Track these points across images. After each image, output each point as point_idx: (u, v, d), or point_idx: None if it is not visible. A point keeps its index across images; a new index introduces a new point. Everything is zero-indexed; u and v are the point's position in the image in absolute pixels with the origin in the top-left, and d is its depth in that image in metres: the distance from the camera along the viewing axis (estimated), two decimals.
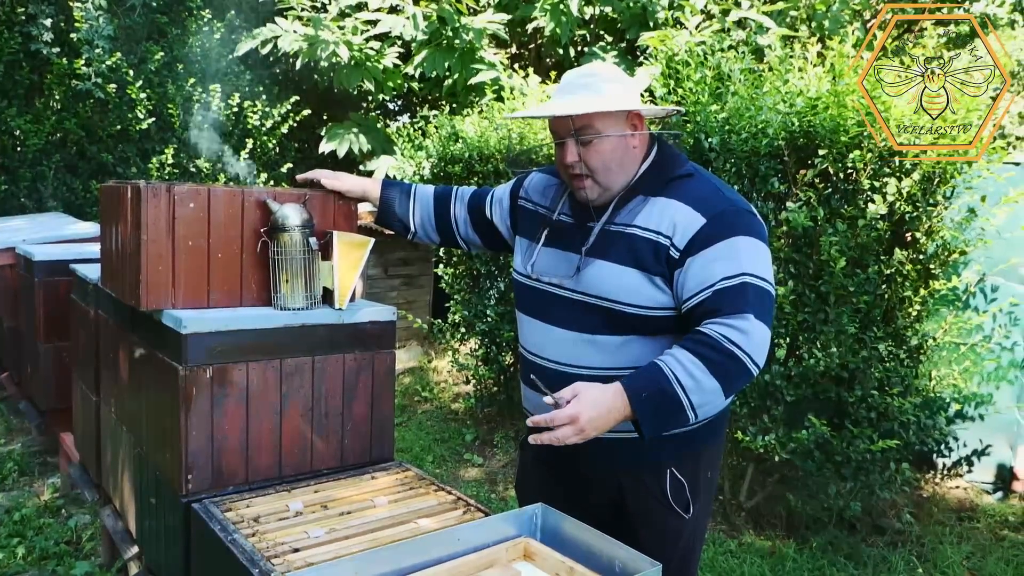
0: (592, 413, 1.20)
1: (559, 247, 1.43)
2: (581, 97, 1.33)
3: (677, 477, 1.38)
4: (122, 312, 1.91)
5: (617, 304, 1.32)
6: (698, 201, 1.31)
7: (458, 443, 3.91)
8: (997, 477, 3.33)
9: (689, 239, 1.29)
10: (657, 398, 1.22)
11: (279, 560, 1.24)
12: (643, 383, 1.23)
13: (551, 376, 1.39)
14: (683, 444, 1.38)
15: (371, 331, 1.74)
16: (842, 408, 2.61)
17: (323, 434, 1.70)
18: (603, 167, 1.34)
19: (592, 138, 1.32)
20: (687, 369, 1.22)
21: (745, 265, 1.27)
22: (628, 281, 1.31)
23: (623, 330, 1.34)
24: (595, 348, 1.35)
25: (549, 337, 1.41)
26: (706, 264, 1.27)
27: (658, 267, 1.31)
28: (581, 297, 1.36)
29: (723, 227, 1.29)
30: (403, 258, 6.33)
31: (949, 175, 2.53)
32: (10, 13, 5.40)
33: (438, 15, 4.99)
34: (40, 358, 3.16)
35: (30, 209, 5.44)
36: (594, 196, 1.37)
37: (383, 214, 1.72)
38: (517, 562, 1.24)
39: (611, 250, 1.35)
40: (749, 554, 2.69)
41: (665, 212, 1.32)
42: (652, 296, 1.31)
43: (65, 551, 2.61)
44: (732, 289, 1.26)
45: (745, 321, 1.23)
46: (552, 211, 1.48)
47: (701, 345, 1.23)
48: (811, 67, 2.66)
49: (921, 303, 2.64)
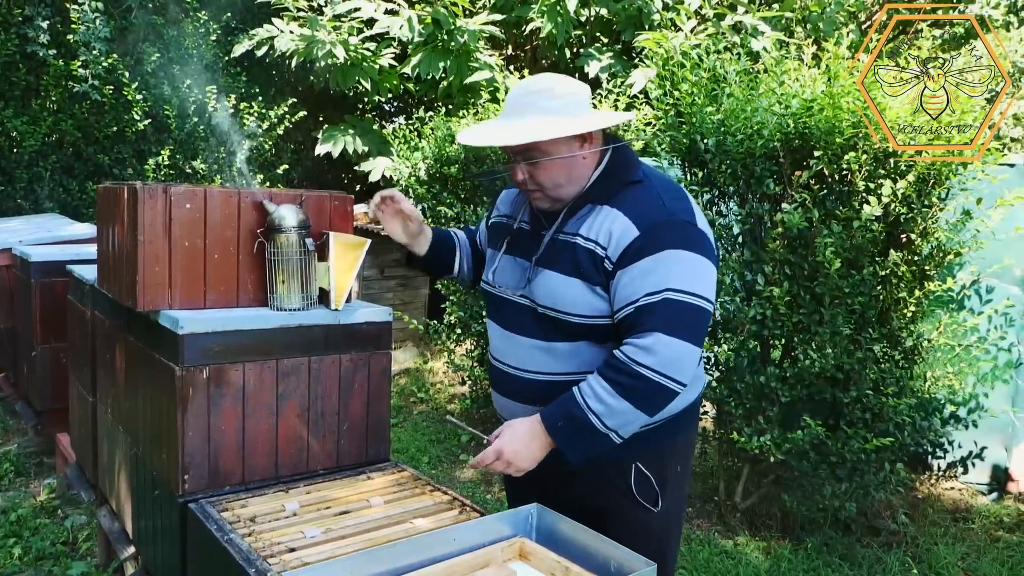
0: (514, 446, 1.30)
1: (516, 255, 1.46)
2: (522, 120, 1.32)
3: (643, 471, 1.41)
4: (119, 312, 1.91)
5: (562, 314, 1.35)
6: (637, 212, 1.31)
7: (454, 444, 3.91)
8: (992, 478, 3.34)
9: (622, 251, 1.29)
10: (572, 426, 1.28)
11: (275, 560, 1.25)
12: (559, 413, 1.30)
13: (514, 382, 1.44)
14: (645, 441, 1.40)
15: (367, 332, 1.75)
16: (837, 409, 2.62)
17: (319, 434, 1.70)
18: (552, 183, 1.36)
19: (536, 161, 1.34)
20: (597, 395, 1.26)
21: (671, 280, 1.26)
22: (572, 291, 1.34)
23: (573, 337, 1.36)
24: (550, 355, 1.39)
25: (510, 344, 1.45)
26: (633, 279, 1.28)
27: (597, 276, 1.32)
28: (533, 306, 1.39)
29: (655, 240, 1.28)
30: (398, 259, 6.33)
31: (944, 177, 2.54)
32: (6, 14, 5.39)
33: (433, 17, 5.00)
34: (36, 359, 3.16)
35: (26, 210, 5.43)
36: (547, 206, 1.40)
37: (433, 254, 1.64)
38: (512, 562, 1.24)
39: (557, 259, 1.37)
40: (744, 555, 2.70)
41: (605, 222, 1.33)
42: (594, 305, 1.33)
43: (61, 551, 2.60)
44: (651, 306, 1.26)
45: (652, 339, 1.25)
46: (514, 219, 1.51)
47: (611, 369, 1.27)
48: (806, 69, 2.67)
49: (916, 304, 2.65)
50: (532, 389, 1.41)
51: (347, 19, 5.27)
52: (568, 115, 1.33)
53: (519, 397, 1.44)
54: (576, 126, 1.32)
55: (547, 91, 1.35)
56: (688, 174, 2.95)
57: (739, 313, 2.64)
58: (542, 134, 1.29)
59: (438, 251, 1.63)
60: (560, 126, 1.31)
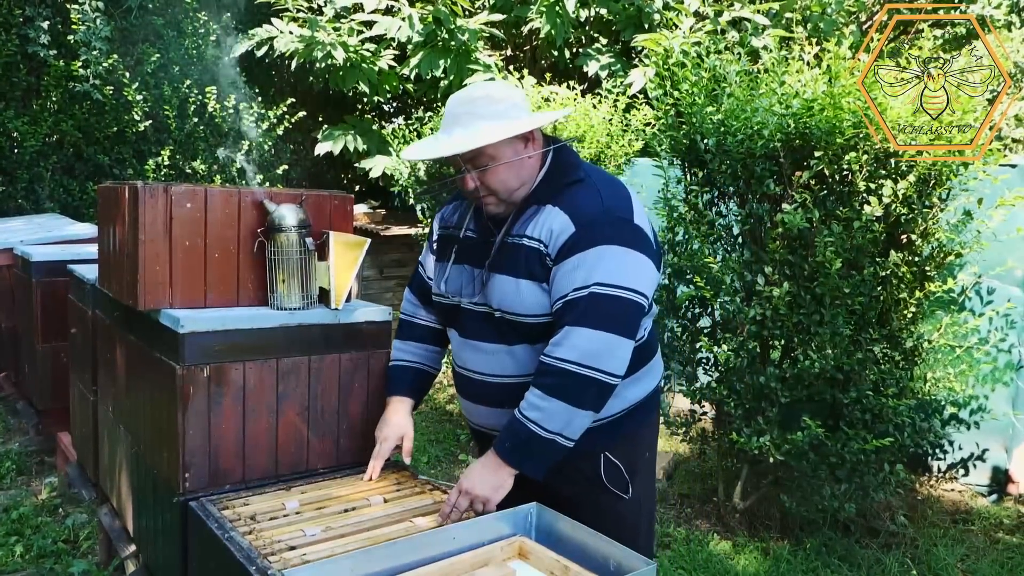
0: (472, 479, 1.35)
1: (466, 263, 1.47)
2: (465, 128, 1.34)
3: (612, 460, 1.43)
4: (120, 312, 1.92)
5: (518, 316, 1.36)
6: (574, 209, 1.34)
7: (452, 444, 3.91)
8: (992, 480, 3.34)
9: (559, 248, 1.33)
10: (519, 442, 1.31)
11: (276, 558, 1.25)
12: (505, 435, 1.33)
13: (479, 387, 1.47)
14: (611, 431, 1.43)
15: (367, 331, 1.75)
16: (837, 410, 2.62)
17: (319, 433, 1.70)
18: (503, 187, 1.38)
19: (485, 167, 1.36)
20: (531, 403, 1.30)
21: (599, 275, 1.29)
22: (524, 292, 1.35)
23: (531, 338, 1.38)
24: (511, 357, 1.41)
25: (471, 350, 1.47)
26: (566, 274, 1.32)
27: (544, 274, 1.35)
28: (489, 311, 1.41)
29: (589, 236, 1.31)
30: (398, 259, 6.33)
31: (945, 177, 2.54)
32: (7, 15, 5.40)
33: (433, 16, 5.00)
34: (38, 358, 3.16)
35: (27, 210, 5.43)
36: (500, 211, 1.42)
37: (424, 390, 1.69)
38: (512, 561, 1.24)
39: (507, 263, 1.39)
40: (743, 555, 2.70)
41: (547, 220, 1.36)
42: (545, 304, 1.35)
43: (63, 550, 2.61)
44: (577, 300, 1.29)
45: (570, 334, 1.28)
46: (459, 229, 1.52)
47: (538, 374, 1.31)
48: (807, 69, 2.67)
49: (916, 305, 2.65)
50: (497, 393, 1.44)
51: (347, 20, 5.28)
52: (509, 119, 1.35)
53: (485, 401, 1.47)
54: (519, 127, 1.35)
55: (484, 98, 1.37)
56: (688, 174, 2.95)
57: (739, 313, 2.65)
58: (488, 138, 1.32)
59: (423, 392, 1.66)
60: (504, 129, 1.33)
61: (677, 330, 2.95)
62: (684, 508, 3.11)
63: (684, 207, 2.88)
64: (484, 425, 1.53)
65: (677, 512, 3.08)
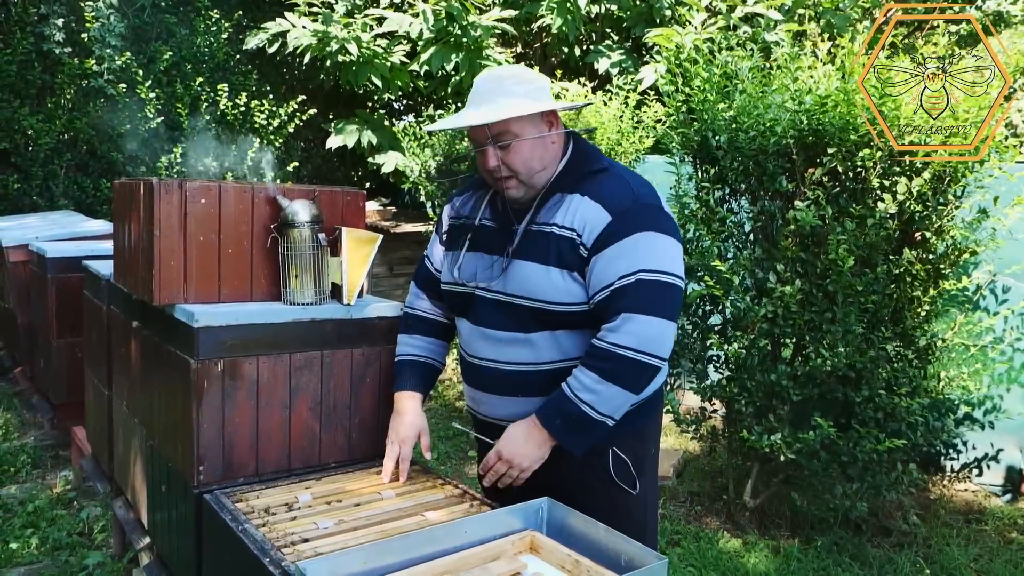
0: (512, 447, 1.37)
1: (483, 251, 1.47)
2: (492, 104, 1.36)
3: (620, 456, 1.44)
4: (134, 307, 1.94)
5: (544, 303, 1.37)
6: (606, 198, 1.36)
7: (462, 440, 3.92)
8: (1006, 480, 3.31)
9: (596, 237, 1.34)
10: (568, 421, 1.33)
11: (289, 550, 1.26)
12: (553, 410, 1.35)
13: (491, 375, 1.45)
14: (621, 426, 1.42)
15: (379, 326, 1.76)
16: (849, 408, 2.61)
17: (331, 427, 1.71)
18: (525, 168, 1.38)
19: (509, 142, 1.36)
20: (585, 385, 1.32)
21: (642, 262, 1.32)
22: (550, 279, 1.36)
23: (550, 326, 1.39)
24: (528, 346, 1.41)
25: (484, 338, 1.45)
26: (608, 263, 1.33)
27: (575, 263, 1.36)
28: (508, 298, 1.40)
29: (626, 224, 1.33)
30: (408, 257, 6.34)
31: (960, 174, 2.52)
32: (22, 13, 5.45)
33: (446, 11, 5.00)
34: (53, 353, 3.20)
35: (42, 207, 5.49)
36: (520, 195, 1.42)
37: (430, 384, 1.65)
38: (523, 555, 1.24)
39: (534, 250, 1.39)
40: (753, 553, 2.69)
41: (578, 209, 1.37)
42: (572, 292, 1.36)
43: (77, 542, 2.64)
44: (625, 288, 1.31)
45: (626, 321, 1.30)
46: (473, 218, 1.52)
47: (593, 358, 1.33)
48: (820, 65, 2.65)
49: (930, 303, 2.63)
50: (510, 381, 1.43)
51: (359, 15, 5.29)
52: (535, 99, 1.38)
53: (497, 390, 1.46)
54: (545, 105, 1.38)
55: (513, 77, 1.40)
56: (699, 171, 2.94)
57: (750, 311, 2.63)
58: (515, 111, 1.34)
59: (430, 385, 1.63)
60: (531, 106, 1.35)
61: (688, 327, 2.94)
62: (694, 506, 3.11)
63: (695, 204, 2.87)
64: (493, 416, 1.51)
65: (687, 510, 3.08)
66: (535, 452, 1.37)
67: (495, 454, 1.39)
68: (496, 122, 1.35)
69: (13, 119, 5.38)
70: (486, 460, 1.40)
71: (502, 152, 1.38)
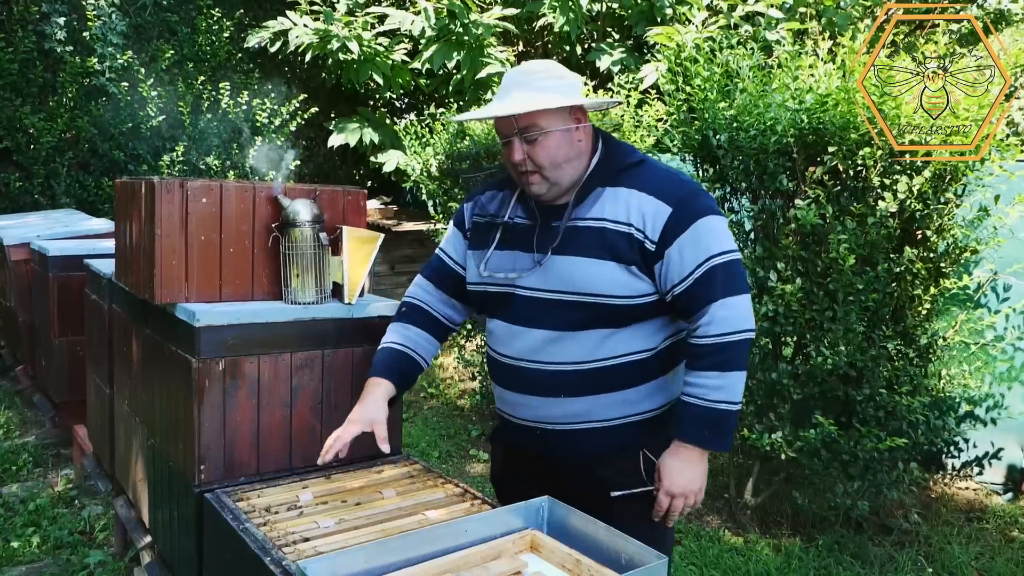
0: (681, 480, 1.37)
1: (517, 248, 1.43)
2: (521, 96, 1.35)
3: (650, 458, 1.42)
4: (136, 306, 1.94)
5: (602, 298, 1.35)
6: (659, 189, 1.36)
7: (464, 439, 3.93)
8: (1007, 478, 3.30)
9: (661, 230, 1.34)
10: (713, 426, 1.35)
11: (290, 549, 1.26)
12: (694, 426, 1.35)
13: (528, 376, 1.41)
14: (650, 427, 1.43)
15: (380, 325, 1.75)
16: (850, 407, 2.61)
17: (332, 426, 1.70)
18: (550, 163, 1.37)
19: (536, 135, 1.35)
20: (710, 386, 1.33)
21: (711, 247, 1.34)
22: (608, 274, 1.34)
23: (600, 323, 1.36)
24: (574, 343, 1.37)
25: (520, 337, 1.41)
26: (681, 254, 1.34)
27: (632, 256, 1.34)
28: (557, 295, 1.37)
29: (687, 213, 1.34)
30: (410, 255, 6.35)
31: (961, 173, 2.52)
32: (24, 12, 5.46)
33: (448, 9, 5.00)
34: (54, 352, 3.21)
35: (44, 206, 5.50)
36: (543, 191, 1.39)
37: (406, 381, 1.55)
38: (523, 554, 1.25)
39: (582, 245, 1.36)
40: (755, 552, 2.69)
41: (630, 203, 1.35)
42: (633, 285, 1.35)
43: (79, 541, 2.65)
44: (704, 276, 1.33)
45: (718, 308, 1.33)
46: (502, 216, 1.48)
47: (703, 357, 1.34)
48: (821, 64, 2.65)
49: (931, 302, 2.63)
50: (554, 381, 1.39)
51: (361, 14, 5.29)
52: (564, 95, 1.37)
53: (539, 391, 1.41)
54: (575, 99, 1.37)
55: (544, 72, 1.39)
56: (700, 170, 2.94)
57: None
58: (546, 103, 1.33)
59: (405, 379, 1.53)
60: (557, 97, 1.35)
61: None
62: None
63: None
64: (534, 419, 1.44)
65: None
66: (700, 473, 1.37)
67: (665, 496, 1.37)
68: (523, 114, 1.33)
69: (15, 118, 5.38)
70: (658, 505, 1.39)
71: (528, 146, 1.36)
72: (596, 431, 1.40)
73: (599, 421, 1.40)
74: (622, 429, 1.40)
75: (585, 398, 1.38)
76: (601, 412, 1.39)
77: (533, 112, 1.33)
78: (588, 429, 1.40)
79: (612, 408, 1.39)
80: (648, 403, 1.42)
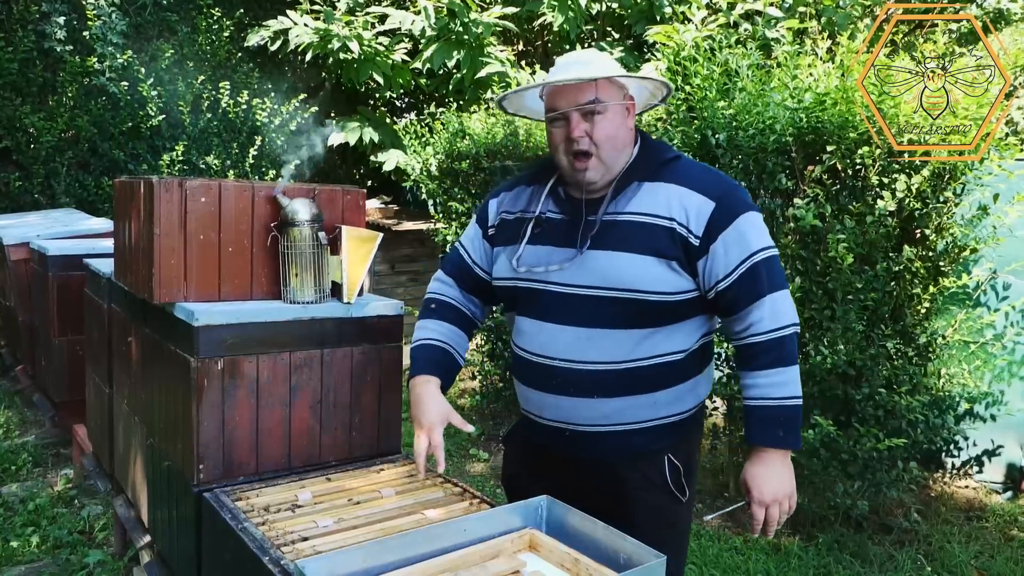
0: (772, 488, 1.33)
1: (548, 243, 1.39)
2: (585, 71, 1.32)
3: (675, 463, 1.41)
4: (135, 305, 1.94)
5: (642, 293, 1.30)
6: (700, 185, 1.34)
7: (463, 438, 3.93)
8: (1007, 477, 3.31)
9: (705, 225, 1.32)
10: (786, 424, 1.34)
11: (289, 548, 1.26)
12: (770, 429, 1.33)
13: (564, 375, 1.36)
14: (677, 430, 1.41)
15: (379, 325, 1.76)
16: (849, 406, 2.61)
17: (331, 426, 1.72)
18: (608, 143, 1.34)
19: (600, 108, 1.32)
20: (776, 382, 1.33)
21: (753, 243, 1.33)
22: (649, 268, 1.31)
23: (642, 322, 1.32)
24: (610, 342, 1.33)
25: (556, 337, 1.36)
26: (726, 249, 1.32)
27: (674, 252, 1.31)
28: (595, 292, 1.32)
29: (730, 208, 1.33)
30: (409, 255, 6.35)
31: (959, 172, 2.52)
32: (24, 11, 5.46)
33: (448, 8, 5.00)
34: (54, 351, 3.21)
35: (43, 205, 5.50)
36: (596, 177, 1.35)
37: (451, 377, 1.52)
38: (522, 553, 1.25)
39: (621, 239, 1.32)
40: (754, 551, 2.69)
41: (672, 197, 1.33)
42: (673, 282, 1.31)
43: (78, 540, 2.65)
44: (748, 272, 1.32)
45: (769, 304, 1.32)
46: (532, 211, 1.44)
47: (761, 356, 1.33)
48: (820, 63, 2.65)
49: (930, 301, 2.63)
50: (588, 381, 1.34)
51: (361, 13, 5.29)
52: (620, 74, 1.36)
53: (570, 391, 1.36)
54: (640, 74, 1.40)
55: (599, 57, 1.39)
56: None
57: None
58: (613, 71, 1.33)
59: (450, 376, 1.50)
60: (621, 71, 1.35)
61: None
62: (695, 503, 3.11)
63: None
64: (564, 420, 1.39)
65: None
66: (788, 476, 1.34)
67: (759, 507, 1.32)
68: (587, 87, 1.30)
69: (15, 117, 5.39)
70: (754, 519, 1.33)
71: (585, 123, 1.33)
72: (625, 433, 1.37)
73: (629, 423, 1.36)
74: (650, 432, 1.37)
75: (618, 399, 1.35)
76: (632, 414, 1.36)
77: (597, 87, 1.31)
78: (618, 431, 1.37)
79: (643, 410, 1.36)
80: (678, 406, 1.39)
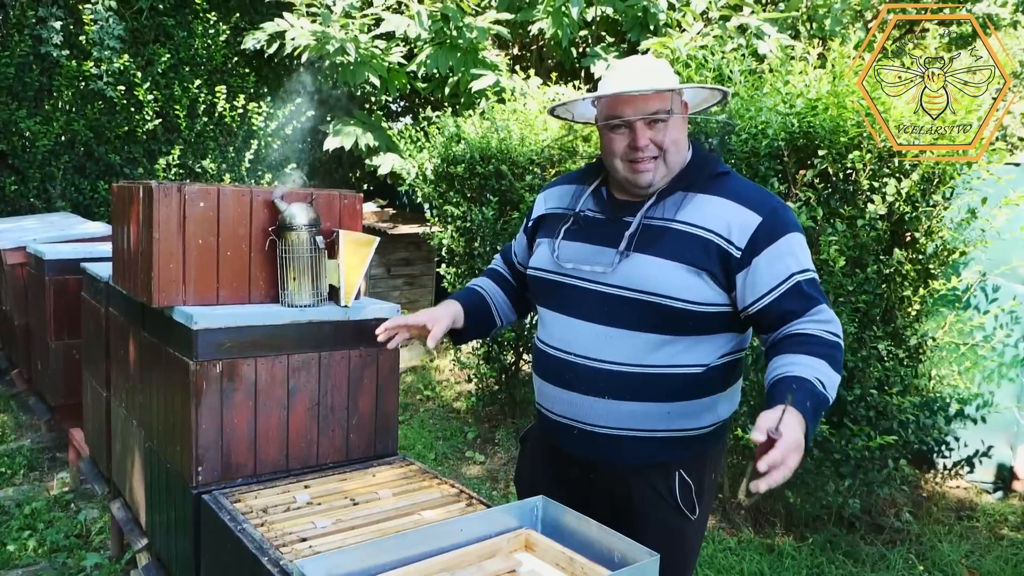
0: (797, 434, 1.14)
1: (586, 240, 1.40)
2: (652, 80, 1.32)
3: (685, 479, 1.39)
4: (133, 309, 1.95)
5: (666, 299, 1.30)
6: (748, 199, 1.33)
7: (460, 441, 3.94)
8: (997, 477, 3.34)
9: (749, 238, 1.30)
10: (815, 408, 1.23)
11: (287, 549, 1.28)
12: (803, 396, 1.20)
13: (582, 373, 1.37)
14: (691, 445, 1.38)
15: (376, 328, 1.77)
16: (841, 407, 2.64)
17: (329, 428, 1.73)
18: (674, 147, 1.35)
19: (666, 117, 1.32)
20: (826, 373, 1.25)
21: (800, 262, 1.32)
22: (679, 276, 1.30)
23: (662, 328, 1.32)
24: (627, 343, 1.33)
25: (576, 332, 1.37)
26: (770, 264, 1.30)
27: (708, 264, 1.30)
28: (619, 292, 1.33)
29: (777, 225, 1.31)
30: (406, 258, 6.36)
31: (949, 176, 2.55)
32: (20, 16, 5.47)
33: (442, 13, 5.02)
34: (50, 355, 3.21)
35: (39, 209, 5.50)
36: (658, 179, 1.36)
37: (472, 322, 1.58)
38: (518, 553, 1.26)
39: (657, 245, 1.32)
40: (748, 551, 2.71)
41: (718, 210, 1.32)
42: (702, 292, 1.31)
43: (75, 544, 2.65)
44: (793, 289, 1.31)
45: (827, 311, 1.32)
46: (571, 209, 1.46)
47: (820, 346, 1.28)
48: (811, 68, 2.68)
49: (920, 303, 2.66)
50: (605, 381, 1.35)
51: (357, 17, 5.31)
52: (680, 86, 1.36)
53: (586, 389, 1.36)
54: (711, 86, 1.40)
55: (658, 65, 1.38)
56: None
57: None
58: (681, 84, 1.34)
59: (476, 318, 1.58)
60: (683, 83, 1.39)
61: None
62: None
63: None
64: (569, 416, 1.40)
65: None
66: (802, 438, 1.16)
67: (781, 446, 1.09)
68: (657, 96, 1.31)
69: (11, 121, 5.39)
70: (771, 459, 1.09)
71: (651, 131, 1.33)
72: (634, 440, 1.36)
73: (639, 430, 1.35)
74: (661, 442, 1.35)
75: (630, 403, 1.34)
76: (642, 421, 1.34)
77: (666, 95, 1.31)
78: (627, 436, 1.36)
79: (654, 419, 1.34)
80: (693, 421, 1.36)
